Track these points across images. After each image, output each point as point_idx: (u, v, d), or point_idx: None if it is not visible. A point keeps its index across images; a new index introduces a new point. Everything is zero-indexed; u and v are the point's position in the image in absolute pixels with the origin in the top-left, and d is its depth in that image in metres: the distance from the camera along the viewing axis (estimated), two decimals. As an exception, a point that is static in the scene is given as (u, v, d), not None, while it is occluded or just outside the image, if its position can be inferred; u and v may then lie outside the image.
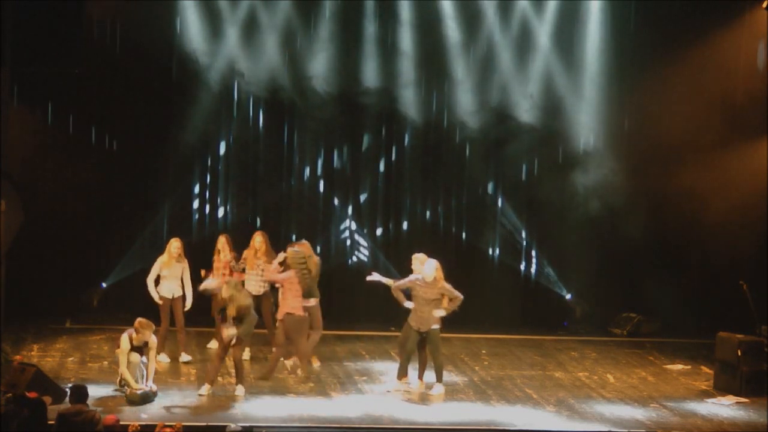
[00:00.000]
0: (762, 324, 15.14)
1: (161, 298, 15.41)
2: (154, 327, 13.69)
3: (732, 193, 18.86)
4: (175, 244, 15.47)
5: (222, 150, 18.93)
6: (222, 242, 15.99)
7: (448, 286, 14.32)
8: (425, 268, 14.29)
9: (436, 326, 14.29)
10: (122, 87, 18.25)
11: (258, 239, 15.79)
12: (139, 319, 13.60)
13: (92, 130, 18.38)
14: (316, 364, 15.38)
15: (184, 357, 15.51)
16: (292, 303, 14.27)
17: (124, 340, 13.45)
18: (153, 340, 13.61)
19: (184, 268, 15.48)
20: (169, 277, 15.40)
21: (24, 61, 14.08)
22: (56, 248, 18.10)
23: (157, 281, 15.47)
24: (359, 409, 13.41)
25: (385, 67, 18.98)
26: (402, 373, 14.46)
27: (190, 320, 15.80)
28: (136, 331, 13.45)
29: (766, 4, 17.67)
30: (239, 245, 15.89)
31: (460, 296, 14.33)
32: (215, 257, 15.99)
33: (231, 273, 15.75)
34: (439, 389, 14.29)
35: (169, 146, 18.55)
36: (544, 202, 19.34)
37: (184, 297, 15.52)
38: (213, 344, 16.25)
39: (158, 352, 15.21)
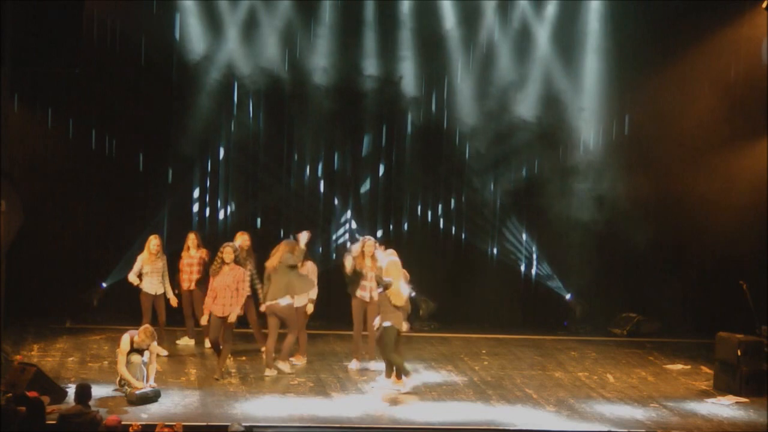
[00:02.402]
0: (762, 324, 15.14)
1: (144, 294, 15.66)
2: (156, 337, 13.72)
3: (732, 193, 18.87)
4: (153, 242, 15.77)
5: (222, 149, 18.93)
6: (192, 239, 16.12)
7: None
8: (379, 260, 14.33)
9: (387, 323, 14.10)
10: (122, 87, 18.24)
11: (242, 238, 15.84)
12: (146, 326, 13.65)
13: (92, 130, 18.39)
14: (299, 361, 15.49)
15: (161, 352, 15.56)
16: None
17: (125, 340, 13.47)
18: (154, 344, 13.64)
19: (163, 264, 15.71)
20: (150, 273, 15.70)
21: (24, 61, 14.07)
22: (56, 248, 18.11)
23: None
24: (359, 409, 13.41)
25: (386, 67, 18.98)
26: (397, 374, 14.48)
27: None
28: (139, 336, 13.46)
29: (766, 4, 17.66)
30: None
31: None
32: (183, 254, 16.10)
33: (200, 271, 15.95)
34: (395, 385, 14.21)
35: (169, 146, 18.56)
36: (544, 202, 19.34)
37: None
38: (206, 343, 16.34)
39: None
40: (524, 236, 19.64)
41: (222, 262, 14.46)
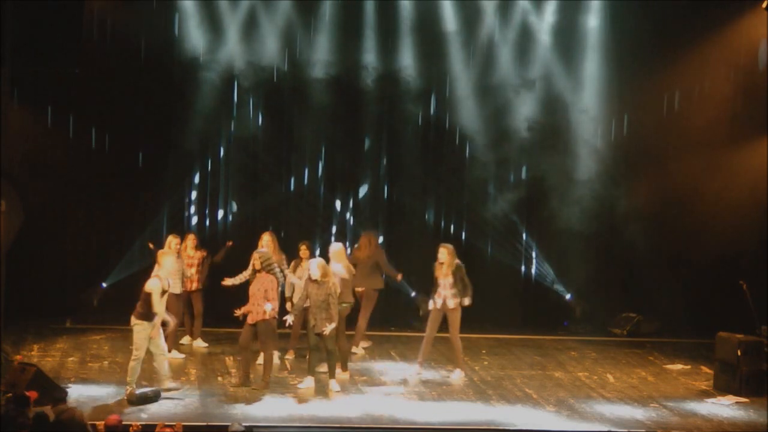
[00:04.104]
0: (762, 324, 15.13)
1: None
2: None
3: (732, 192, 18.87)
4: (174, 241, 15.66)
5: (222, 149, 18.93)
6: (191, 240, 16.14)
7: (334, 298, 14.09)
8: (310, 266, 14.16)
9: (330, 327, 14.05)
10: (122, 87, 18.23)
11: (266, 239, 15.82)
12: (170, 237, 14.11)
13: (92, 130, 18.38)
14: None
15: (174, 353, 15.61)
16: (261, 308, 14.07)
17: (156, 285, 13.52)
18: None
19: (182, 263, 15.73)
20: (171, 273, 15.54)
21: (24, 61, 14.08)
22: (56, 248, 18.11)
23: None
24: (359, 409, 13.40)
25: (387, 67, 18.98)
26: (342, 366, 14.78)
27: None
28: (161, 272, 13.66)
29: (766, 4, 17.66)
30: (242, 244, 15.89)
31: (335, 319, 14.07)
32: (182, 254, 16.12)
33: (201, 271, 16.06)
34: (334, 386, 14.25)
35: (170, 146, 18.55)
36: (544, 202, 19.34)
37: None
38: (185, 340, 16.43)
39: (169, 350, 15.29)
40: (524, 236, 19.65)
41: (253, 270, 14.18)
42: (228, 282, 15.20)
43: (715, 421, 13.61)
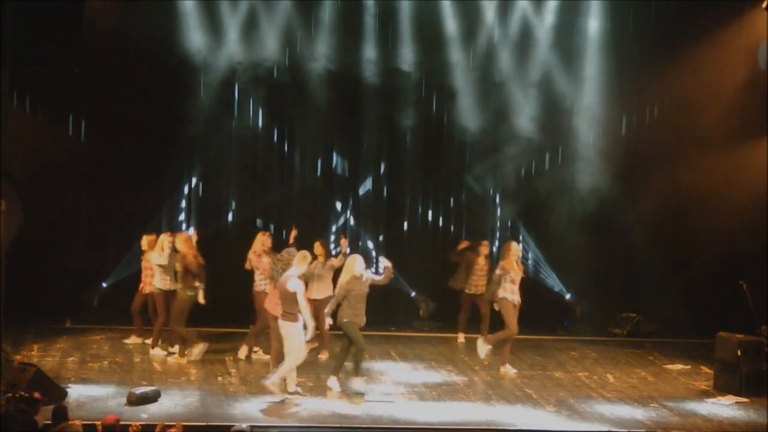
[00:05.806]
0: (762, 324, 15.14)
1: (158, 290, 15.58)
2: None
3: (732, 192, 18.87)
4: (167, 239, 15.65)
5: (222, 149, 18.91)
6: (152, 241, 16.04)
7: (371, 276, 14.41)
8: (356, 265, 14.03)
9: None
10: (122, 87, 18.21)
11: (264, 237, 15.81)
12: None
13: (92, 130, 18.37)
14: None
15: (160, 352, 15.61)
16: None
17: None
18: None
19: (177, 261, 15.73)
20: (165, 269, 15.53)
21: (24, 61, 14.07)
22: (56, 248, 18.10)
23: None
24: (359, 409, 13.41)
25: (386, 67, 18.97)
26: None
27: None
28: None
29: (766, 4, 17.69)
30: (243, 245, 15.87)
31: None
32: (144, 257, 16.09)
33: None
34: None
35: (170, 146, 18.54)
36: (544, 202, 19.34)
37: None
38: (133, 340, 16.37)
39: (153, 346, 15.52)
40: (522, 235, 19.64)
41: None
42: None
43: (715, 421, 13.62)
